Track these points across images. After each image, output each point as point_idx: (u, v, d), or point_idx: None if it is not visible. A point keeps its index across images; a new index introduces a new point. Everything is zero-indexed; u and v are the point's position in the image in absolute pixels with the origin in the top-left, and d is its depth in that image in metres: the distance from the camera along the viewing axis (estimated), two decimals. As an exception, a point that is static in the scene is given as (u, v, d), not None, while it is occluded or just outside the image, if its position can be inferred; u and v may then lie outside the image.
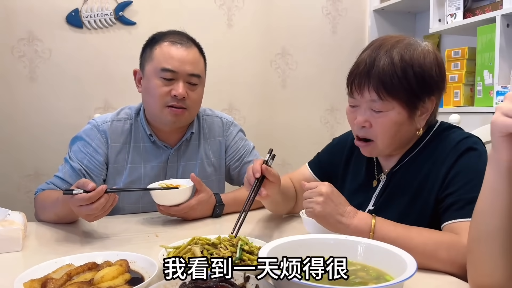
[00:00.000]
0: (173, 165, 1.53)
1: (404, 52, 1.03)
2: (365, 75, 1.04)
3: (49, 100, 2.34)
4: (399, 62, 1.02)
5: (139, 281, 0.81)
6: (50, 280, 0.80)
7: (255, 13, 2.67)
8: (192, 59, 1.43)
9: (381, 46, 1.05)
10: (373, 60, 1.03)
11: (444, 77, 1.08)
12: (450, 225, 0.98)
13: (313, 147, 1.55)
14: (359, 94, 1.06)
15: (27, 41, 2.29)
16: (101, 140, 1.47)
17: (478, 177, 1.00)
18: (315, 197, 1.00)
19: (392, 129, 1.05)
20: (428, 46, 1.07)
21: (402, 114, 1.04)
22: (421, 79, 1.03)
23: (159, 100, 1.41)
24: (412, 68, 1.02)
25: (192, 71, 1.43)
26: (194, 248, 0.93)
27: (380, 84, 1.02)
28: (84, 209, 1.12)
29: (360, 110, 1.08)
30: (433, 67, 1.05)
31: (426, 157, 1.09)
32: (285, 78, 2.79)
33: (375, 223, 0.98)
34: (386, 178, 1.16)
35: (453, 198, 1.00)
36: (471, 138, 1.07)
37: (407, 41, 1.06)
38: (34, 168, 2.34)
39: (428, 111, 1.07)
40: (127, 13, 2.42)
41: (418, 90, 1.03)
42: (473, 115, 2.15)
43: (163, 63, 1.40)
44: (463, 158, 1.03)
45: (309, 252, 0.86)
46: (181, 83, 1.41)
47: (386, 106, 1.03)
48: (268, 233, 1.26)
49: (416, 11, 2.93)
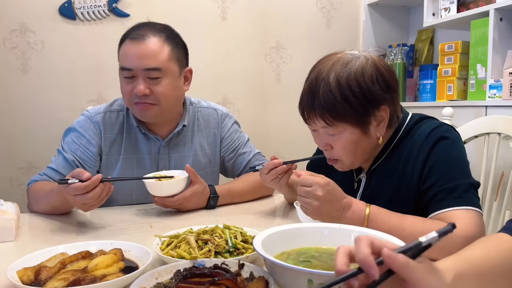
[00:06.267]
0: (165, 157, 1.53)
1: (340, 75, 1.03)
2: (310, 107, 1.06)
3: (42, 92, 2.32)
4: (337, 88, 1.02)
5: (134, 269, 0.80)
6: (43, 268, 0.80)
7: (249, 6, 2.66)
8: (149, 53, 1.36)
9: (318, 74, 1.06)
10: (313, 92, 1.05)
11: (390, 85, 1.06)
12: (436, 216, 1.00)
13: (306, 140, 1.55)
14: (311, 123, 1.09)
15: (19, 33, 2.27)
16: (95, 131, 1.47)
17: (454, 165, 1.03)
18: (310, 199, 0.99)
19: (351, 148, 1.08)
20: (367, 57, 1.06)
21: (355, 133, 1.06)
22: (362, 97, 1.02)
23: (126, 98, 1.43)
24: (350, 90, 1.02)
25: (148, 66, 1.36)
26: (189, 237, 0.93)
27: (324, 112, 1.04)
28: (79, 199, 1.11)
29: (319, 135, 1.11)
30: (374, 80, 1.03)
31: (401, 152, 1.11)
32: (279, 72, 2.79)
33: (368, 215, 0.99)
34: (365, 177, 1.18)
35: (434, 190, 1.02)
36: (442, 127, 1.09)
37: (343, 60, 1.05)
38: (27, 161, 2.33)
39: (384, 119, 1.07)
40: (120, 5, 2.41)
41: (363, 108, 1.03)
42: (466, 109, 2.16)
43: (122, 62, 1.40)
44: (437, 148, 1.05)
45: (303, 241, 0.87)
46: (140, 80, 1.37)
47: (338, 129, 1.05)
48: (262, 222, 1.27)
49: (410, 5, 2.94)
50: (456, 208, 0.98)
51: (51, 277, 0.79)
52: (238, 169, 1.64)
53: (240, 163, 1.63)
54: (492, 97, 2.09)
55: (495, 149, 1.54)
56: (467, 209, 0.97)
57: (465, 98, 2.29)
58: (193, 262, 0.77)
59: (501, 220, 1.51)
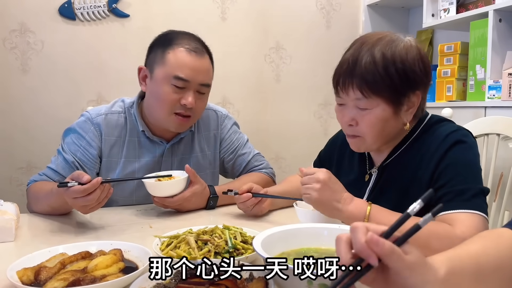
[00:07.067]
0: (168, 160, 1.52)
1: (385, 50, 1.03)
2: (349, 74, 1.05)
3: (42, 92, 2.32)
4: (381, 60, 1.02)
5: (133, 270, 0.81)
6: (43, 268, 0.80)
7: (249, 7, 2.66)
8: (205, 69, 1.42)
9: (363, 45, 1.05)
10: (355, 59, 1.04)
11: (428, 71, 1.09)
12: (441, 217, 0.99)
13: (306, 141, 1.56)
14: (344, 93, 1.07)
15: (19, 33, 2.27)
16: (95, 133, 1.45)
17: (467, 170, 1.02)
18: (312, 184, 1.02)
19: (378, 126, 1.06)
20: (411, 41, 1.07)
21: (387, 111, 1.05)
22: (403, 75, 1.03)
23: (167, 106, 1.39)
24: (394, 65, 1.02)
25: (203, 81, 1.41)
26: (189, 237, 0.93)
27: (363, 82, 1.02)
28: (79, 201, 1.11)
29: (346, 108, 1.09)
30: (416, 62, 1.05)
31: (416, 151, 1.10)
32: (279, 73, 2.79)
33: (370, 210, 1.00)
34: (377, 172, 1.17)
35: (443, 190, 1.01)
36: (460, 131, 1.08)
37: (389, 38, 1.06)
38: (26, 161, 2.33)
39: (414, 106, 1.08)
40: (120, 6, 2.41)
41: (401, 86, 1.04)
42: (465, 109, 2.16)
43: (177, 71, 1.37)
44: (452, 151, 1.04)
45: (303, 241, 0.87)
46: (192, 92, 1.39)
47: (371, 103, 1.04)
48: (262, 223, 1.27)
49: (410, 6, 2.94)
50: (461, 210, 0.97)
51: (50, 277, 0.79)
52: (238, 170, 1.64)
53: (240, 164, 1.63)
54: (491, 98, 2.09)
55: (494, 149, 1.54)
56: (472, 213, 0.97)
57: (464, 99, 2.30)
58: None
59: (500, 220, 1.51)
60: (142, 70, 1.47)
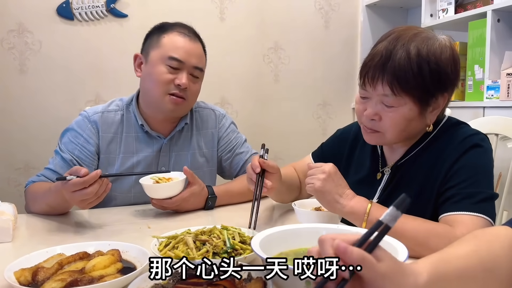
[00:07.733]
0: (165, 155, 1.54)
1: (421, 47, 1.00)
2: (380, 68, 1.01)
3: (40, 92, 2.32)
4: (416, 57, 0.99)
5: (131, 270, 0.80)
6: (41, 269, 0.80)
7: (247, 7, 2.66)
8: (198, 53, 1.48)
9: (399, 39, 1.02)
10: (389, 53, 1.00)
11: (458, 73, 1.07)
12: (445, 218, 0.98)
13: (304, 141, 1.56)
14: (371, 87, 1.03)
15: (17, 33, 2.26)
16: (92, 131, 1.47)
17: (480, 173, 1.00)
18: (317, 174, 1.03)
19: (402, 124, 1.04)
20: (446, 40, 1.04)
21: (414, 110, 1.03)
22: (436, 76, 1.01)
23: (161, 86, 1.43)
24: (428, 65, 1.00)
25: (197, 64, 1.47)
26: (187, 237, 0.93)
27: (394, 79, 0.99)
28: (78, 195, 1.11)
29: (370, 102, 1.06)
30: (449, 64, 1.03)
31: (432, 152, 1.08)
32: (278, 73, 2.79)
33: (371, 207, 0.99)
34: (390, 171, 1.15)
35: (452, 191, 1.00)
36: (478, 135, 1.07)
37: (425, 35, 1.03)
38: (24, 162, 2.32)
39: (439, 107, 1.06)
40: (118, 6, 2.40)
41: (432, 87, 1.01)
42: (464, 110, 2.17)
43: (171, 52, 1.42)
44: (468, 154, 1.03)
45: (301, 241, 0.87)
46: (185, 74, 1.44)
47: (398, 101, 1.01)
48: (260, 223, 1.26)
49: (408, 6, 2.94)
50: (466, 213, 0.96)
51: (48, 278, 0.78)
52: (235, 169, 1.64)
53: (237, 163, 1.63)
54: (490, 98, 2.09)
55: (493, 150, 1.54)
56: (477, 216, 0.95)
57: (463, 99, 2.30)
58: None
59: (499, 221, 1.51)
60: (138, 57, 1.52)
